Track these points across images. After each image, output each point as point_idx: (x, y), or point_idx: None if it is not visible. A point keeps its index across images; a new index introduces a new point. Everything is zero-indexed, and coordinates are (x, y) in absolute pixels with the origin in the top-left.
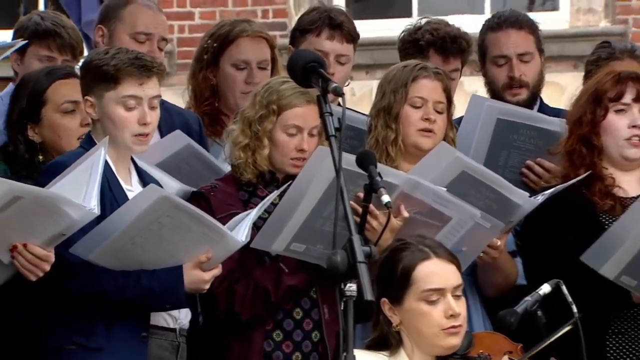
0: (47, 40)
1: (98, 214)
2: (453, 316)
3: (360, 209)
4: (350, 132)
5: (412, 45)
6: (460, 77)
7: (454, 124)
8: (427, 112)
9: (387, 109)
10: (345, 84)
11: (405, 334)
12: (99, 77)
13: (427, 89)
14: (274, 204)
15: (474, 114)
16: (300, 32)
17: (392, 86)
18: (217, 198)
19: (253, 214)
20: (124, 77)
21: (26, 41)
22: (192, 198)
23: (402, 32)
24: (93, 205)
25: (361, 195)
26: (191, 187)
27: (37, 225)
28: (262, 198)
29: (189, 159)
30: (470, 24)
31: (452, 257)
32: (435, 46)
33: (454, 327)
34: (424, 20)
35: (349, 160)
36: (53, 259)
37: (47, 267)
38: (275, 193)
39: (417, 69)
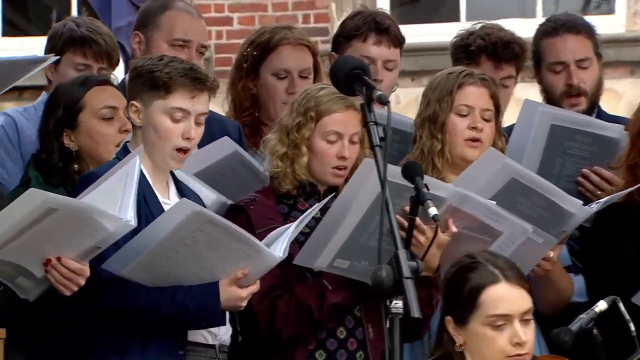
0: (83, 48)
1: (135, 226)
2: (519, 344)
3: (406, 223)
4: (397, 135)
5: (464, 50)
6: (515, 84)
7: (503, 133)
8: (474, 120)
9: (432, 118)
10: (393, 90)
11: (469, 355)
12: (150, 83)
13: (473, 96)
14: (315, 219)
15: (527, 120)
16: (345, 38)
17: (436, 94)
18: (257, 212)
19: (292, 229)
20: (176, 87)
21: (58, 57)
22: (231, 211)
23: (455, 37)
24: (130, 216)
25: (407, 208)
26: (228, 200)
27: (71, 238)
28: (303, 212)
29: (235, 166)
30: (521, 28)
31: (522, 280)
32: (486, 51)
33: (519, 355)
34: (478, 25)
35: (394, 172)
36: (88, 273)
37: (82, 282)
38: (316, 207)
39: (463, 75)
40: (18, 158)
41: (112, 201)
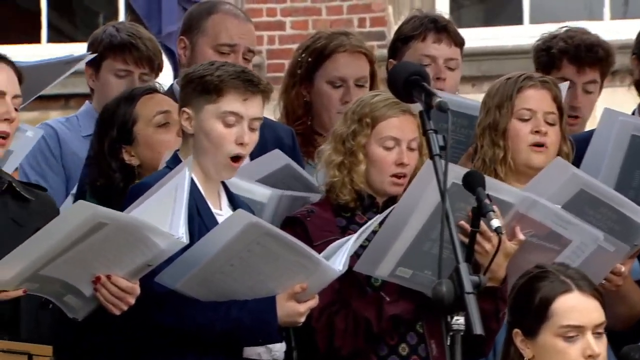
0: (123, 53)
1: (187, 243)
2: (592, 357)
3: (467, 230)
4: (464, 120)
5: (545, 54)
6: (600, 90)
7: (568, 137)
8: (537, 124)
9: (492, 125)
10: (455, 92)
11: None
12: (201, 88)
13: (534, 99)
14: (374, 232)
15: (606, 130)
16: (402, 41)
17: (496, 101)
18: (314, 224)
19: (352, 242)
20: (228, 90)
21: (95, 54)
22: (287, 224)
23: (537, 40)
24: (181, 233)
25: (464, 223)
26: (285, 191)
27: (122, 255)
28: (361, 225)
29: (288, 180)
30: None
31: (595, 292)
32: (568, 55)
33: None
34: (563, 28)
35: (459, 174)
36: (138, 292)
37: (132, 301)
38: (377, 219)
39: (522, 79)
40: (60, 170)
41: (162, 216)
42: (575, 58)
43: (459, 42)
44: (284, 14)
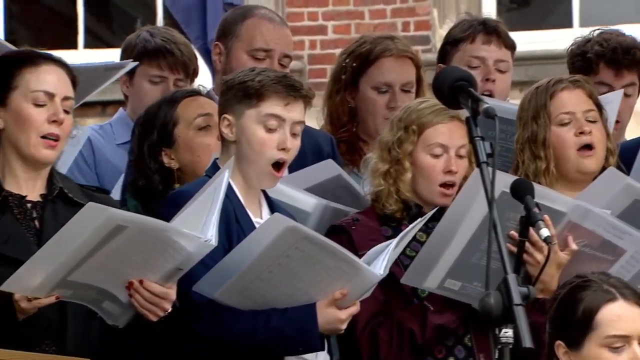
0: (157, 59)
1: (215, 245)
2: None
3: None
4: (512, 127)
5: (581, 58)
6: (639, 93)
7: (610, 134)
8: (579, 125)
9: (531, 138)
10: (506, 97)
11: None
12: (242, 94)
13: (570, 101)
14: (419, 242)
15: None
16: (451, 44)
17: (531, 112)
18: (359, 232)
19: (393, 246)
20: (269, 94)
21: (136, 62)
22: (332, 232)
23: (571, 44)
24: (210, 235)
25: (513, 234)
26: (330, 202)
27: (150, 259)
28: None
29: (338, 191)
30: None
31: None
32: (604, 58)
33: None
34: (597, 31)
35: (507, 182)
36: (174, 297)
37: (168, 306)
38: (419, 222)
39: (552, 84)
40: (94, 179)
41: (199, 220)
42: (612, 61)
43: (510, 44)
44: (325, 18)
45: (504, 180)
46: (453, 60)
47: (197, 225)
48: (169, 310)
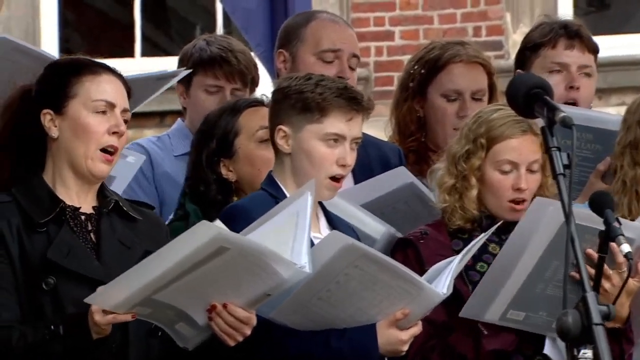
0: (213, 68)
1: (310, 272)
2: None
3: (595, 256)
4: (589, 134)
5: None
6: None
7: None
8: None
9: (634, 144)
10: (590, 104)
11: None
12: (301, 106)
13: None
14: (491, 254)
15: None
16: (531, 49)
17: (637, 117)
18: (428, 247)
19: (456, 262)
20: (332, 109)
21: (189, 70)
22: (399, 246)
23: None
24: (304, 262)
25: (591, 252)
26: (398, 233)
27: (241, 283)
28: (481, 249)
29: (410, 200)
30: None
31: None
32: None
33: None
34: None
35: (578, 214)
36: (255, 322)
37: (248, 332)
38: (481, 238)
39: None
40: (152, 191)
41: (281, 243)
42: None
43: (593, 48)
44: (392, 23)
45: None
46: (533, 67)
47: (280, 247)
48: (248, 335)
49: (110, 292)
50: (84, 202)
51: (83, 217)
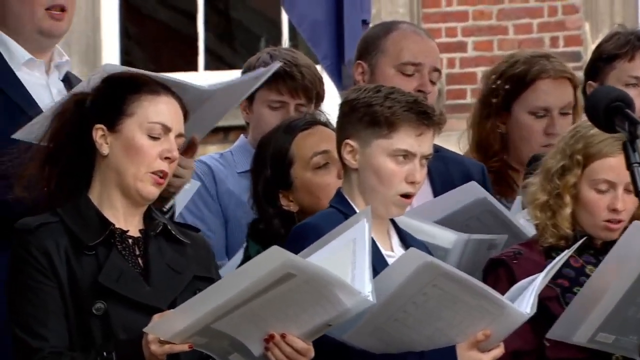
0: (277, 83)
1: (374, 302)
2: None
3: None
4: None
5: None
6: None
7: None
8: None
9: None
10: None
11: None
12: (369, 119)
13: None
14: (587, 275)
15: None
16: (605, 61)
17: None
18: (521, 266)
19: (540, 280)
20: (401, 124)
21: (280, 63)
22: (491, 266)
23: None
24: (368, 291)
25: None
26: (472, 235)
27: (302, 312)
28: (576, 269)
29: (483, 216)
30: None
31: None
32: None
33: None
34: None
35: None
36: (313, 354)
37: None
38: (565, 255)
39: None
40: (217, 210)
41: (340, 270)
42: None
43: None
44: (465, 34)
45: None
46: (608, 79)
47: (341, 275)
48: None
49: (171, 321)
50: (131, 224)
51: (130, 240)
